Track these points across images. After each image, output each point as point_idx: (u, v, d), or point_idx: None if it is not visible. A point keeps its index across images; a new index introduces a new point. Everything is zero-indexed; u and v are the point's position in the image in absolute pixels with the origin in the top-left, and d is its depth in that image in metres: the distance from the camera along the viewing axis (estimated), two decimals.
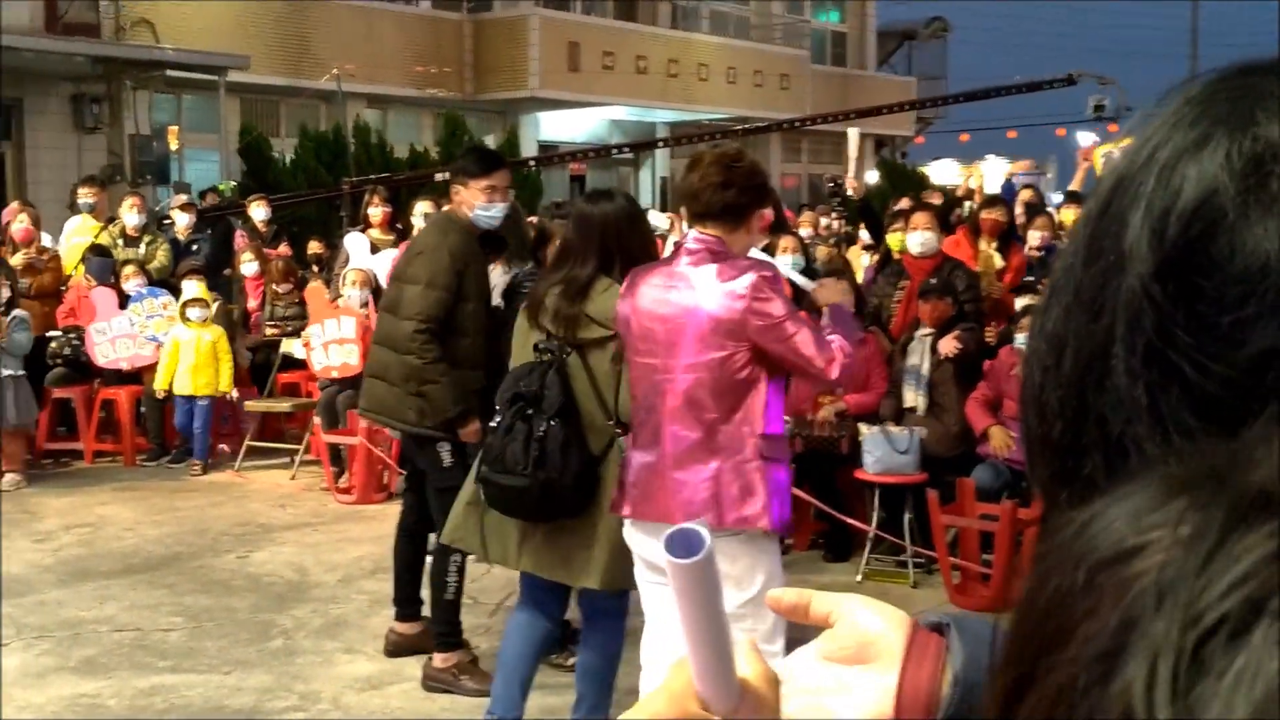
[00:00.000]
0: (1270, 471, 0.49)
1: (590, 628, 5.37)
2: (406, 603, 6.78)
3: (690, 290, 4.41)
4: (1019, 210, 12.48)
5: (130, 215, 13.10)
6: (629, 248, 5.04)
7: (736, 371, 4.37)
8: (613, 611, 5.30)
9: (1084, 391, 0.68)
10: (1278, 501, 0.47)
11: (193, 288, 11.72)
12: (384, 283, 10.72)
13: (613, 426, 5.00)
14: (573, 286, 5.02)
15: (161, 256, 12.83)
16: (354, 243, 11.75)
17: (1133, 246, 0.66)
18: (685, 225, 4.66)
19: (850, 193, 13.55)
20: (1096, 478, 0.65)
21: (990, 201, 11.19)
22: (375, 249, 11.58)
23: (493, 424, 5.10)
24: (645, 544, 4.56)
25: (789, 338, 4.35)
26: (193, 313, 11.53)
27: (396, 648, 6.81)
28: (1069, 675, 0.49)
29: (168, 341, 11.52)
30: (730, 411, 4.39)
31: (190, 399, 11.42)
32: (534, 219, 10.44)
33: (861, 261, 11.96)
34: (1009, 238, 10.50)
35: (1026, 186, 15.72)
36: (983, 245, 10.26)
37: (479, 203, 6.35)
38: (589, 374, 5.01)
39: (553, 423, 4.91)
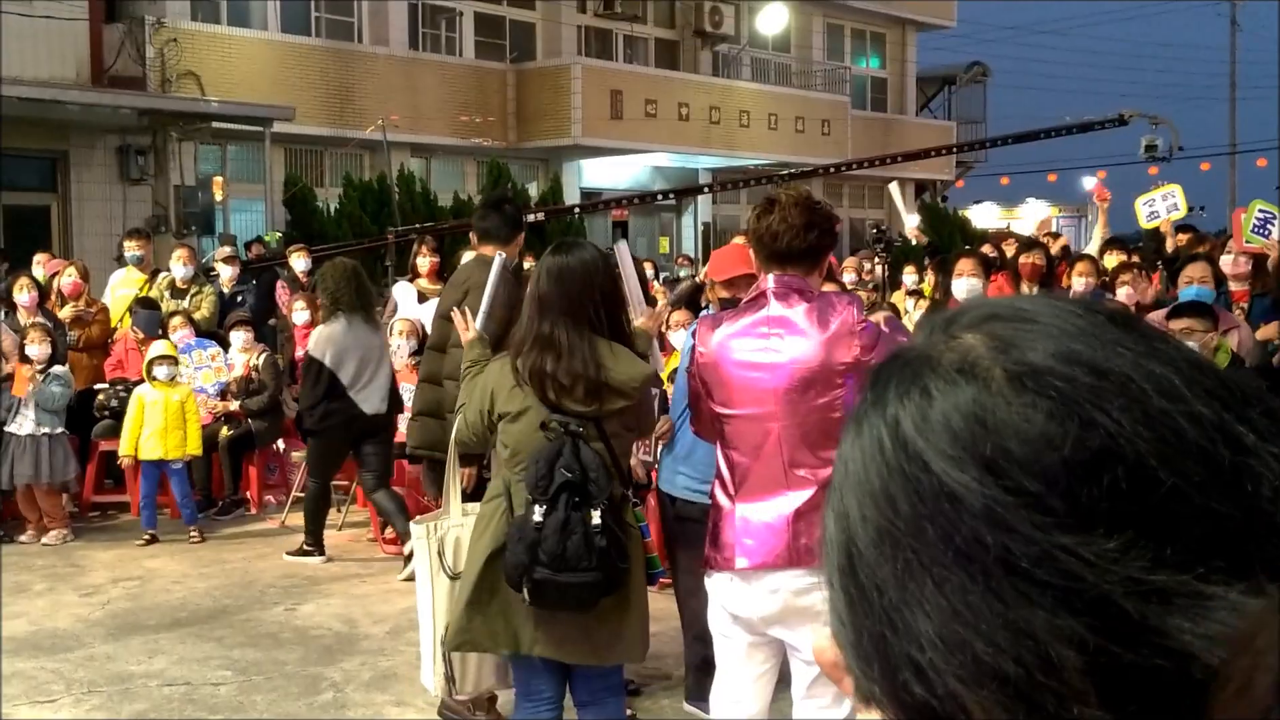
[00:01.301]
0: None
1: (597, 710, 5.03)
2: None
3: (795, 335, 4.36)
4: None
5: (178, 267, 13.13)
6: (611, 308, 4.78)
7: (843, 405, 4.36)
8: (616, 688, 5.08)
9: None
10: None
11: (160, 346, 11.09)
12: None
13: (627, 494, 4.81)
14: (557, 349, 4.66)
15: (206, 308, 12.84)
16: (402, 292, 11.79)
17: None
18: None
19: (914, 241, 13.66)
20: None
21: (1028, 245, 11.08)
22: (423, 298, 11.60)
23: (536, 518, 4.62)
24: (741, 595, 4.47)
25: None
26: (159, 371, 10.76)
27: None
28: None
29: (132, 402, 10.79)
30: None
31: (160, 464, 10.64)
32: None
33: (906, 306, 11.93)
34: (1049, 281, 10.41)
35: (1056, 234, 15.69)
36: (1024, 289, 10.18)
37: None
38: (607, 445, 4.72)
39: (604, 507, 4.61)
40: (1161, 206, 12.76)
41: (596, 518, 4.58)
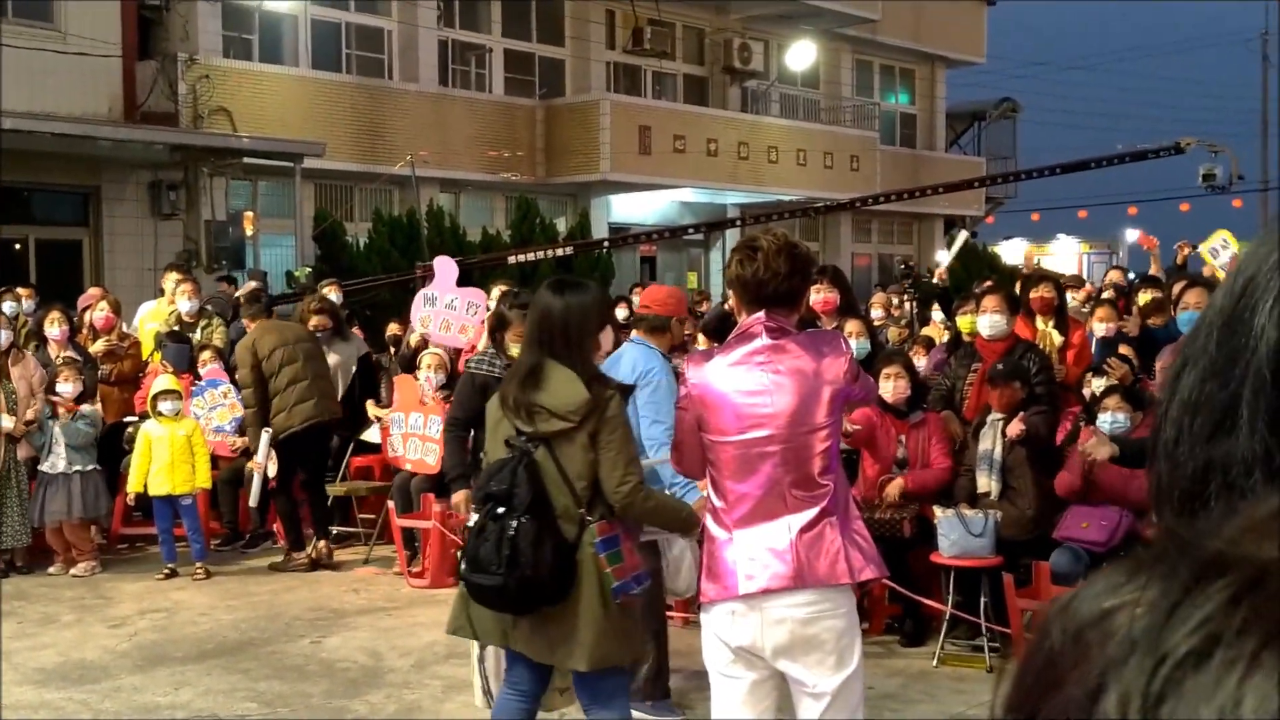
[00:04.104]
0: (1225, 540, 0.60)
1: (601, 709, 5.29)
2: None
3: (794, 361, 4.52)
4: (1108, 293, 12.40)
5: (183, 302, 13.01)
6: (571, 341, 5.12)
7: (835, 433, 4.58)
8: (614, 690, 5.28)
9: (1212, 447, 0.83)
10: (1230, 563, 0.58)
11: (164, 380, 11.06)
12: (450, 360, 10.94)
13: (584, 514, 5.05)
14: (519, 375, 5.15)
15: (218, 340, 12.78)
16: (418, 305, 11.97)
17: (1261, 329, 0.81)
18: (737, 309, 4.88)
19: (936, 280, 13.71)
20: (1216, 519, 0.74)
21: (1037, 279, 10.96)
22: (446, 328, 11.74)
23: (469, 524, 5.14)
24: (744, 625, 4.50)
25: (866, 380, 4.91)
26: (164, 406, 10.72)
27: None
28: (1062, 712, 0.59)
29: (139, 439, 10.81)
30: (836, 471, 4.56)
31: (170, 499, 10.63)
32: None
33: (940, 340, 11.93)
34: (1063, 313, 10.32)
35: (1116, 268, 15.58)
36: (1039, 324, 10.10)
37: None
38: (558, 465, 5.04)
39: (523, 520, 4.95)
40: (1224, 254, 12.98)
41: (512, 529, 4.93)
